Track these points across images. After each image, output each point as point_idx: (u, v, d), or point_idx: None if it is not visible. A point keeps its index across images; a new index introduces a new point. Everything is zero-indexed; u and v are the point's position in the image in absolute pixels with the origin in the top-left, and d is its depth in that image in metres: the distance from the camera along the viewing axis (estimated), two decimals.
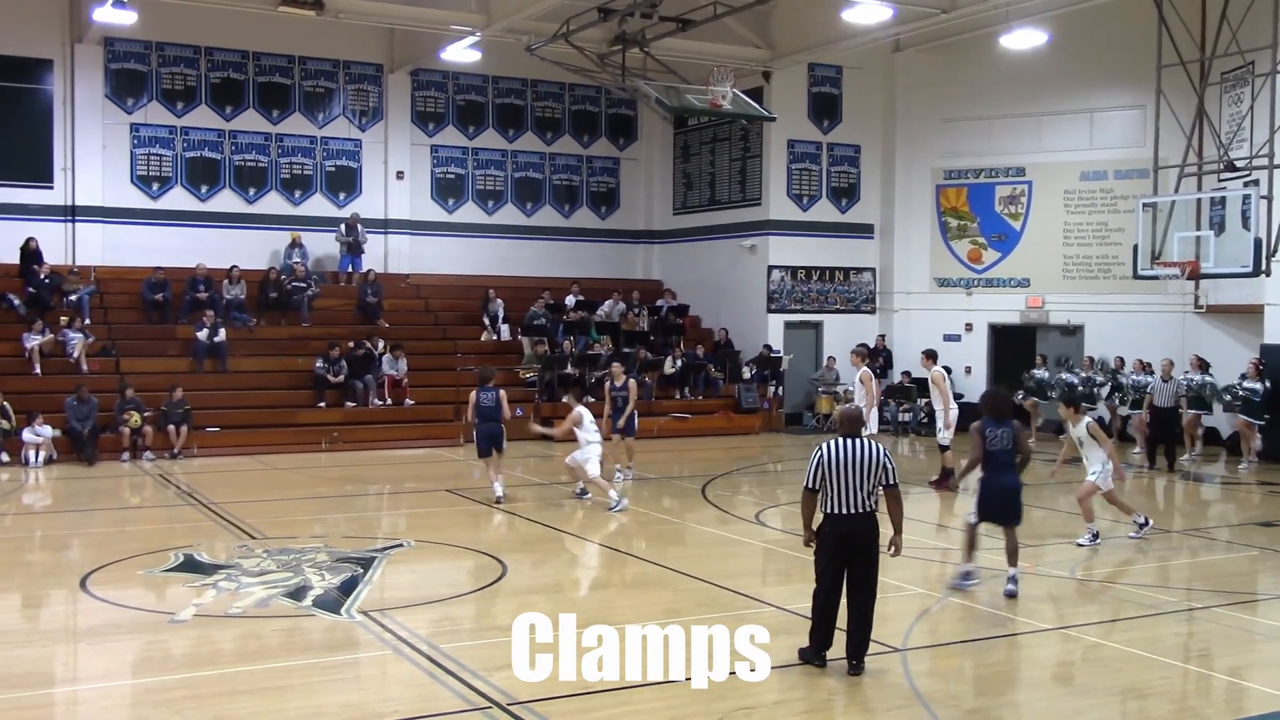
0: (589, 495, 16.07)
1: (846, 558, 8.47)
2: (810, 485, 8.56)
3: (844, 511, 8.42)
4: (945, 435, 17.27)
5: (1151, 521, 13.80)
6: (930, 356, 18.04)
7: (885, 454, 8.53)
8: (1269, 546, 13.63)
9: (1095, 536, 13.12)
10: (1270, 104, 18.07)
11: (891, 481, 8.51)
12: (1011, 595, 10.66)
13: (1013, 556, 10.82)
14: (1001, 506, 10.81)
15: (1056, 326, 25.43)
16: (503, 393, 16.25)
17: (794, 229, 26.78)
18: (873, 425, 17.23)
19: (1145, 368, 21.71)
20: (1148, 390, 20.93)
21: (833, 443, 8.55)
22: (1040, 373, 23.66)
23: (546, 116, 29.11)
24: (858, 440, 8.55)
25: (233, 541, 13.21)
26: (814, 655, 8.54)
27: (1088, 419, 13.19)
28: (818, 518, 8.62)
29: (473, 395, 16.21)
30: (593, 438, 15.67)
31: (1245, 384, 20.24)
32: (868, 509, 8.43)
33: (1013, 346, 25.55)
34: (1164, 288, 22.66)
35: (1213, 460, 21.15)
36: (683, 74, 21.16)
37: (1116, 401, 22.34)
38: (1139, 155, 22.97)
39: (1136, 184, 22.95)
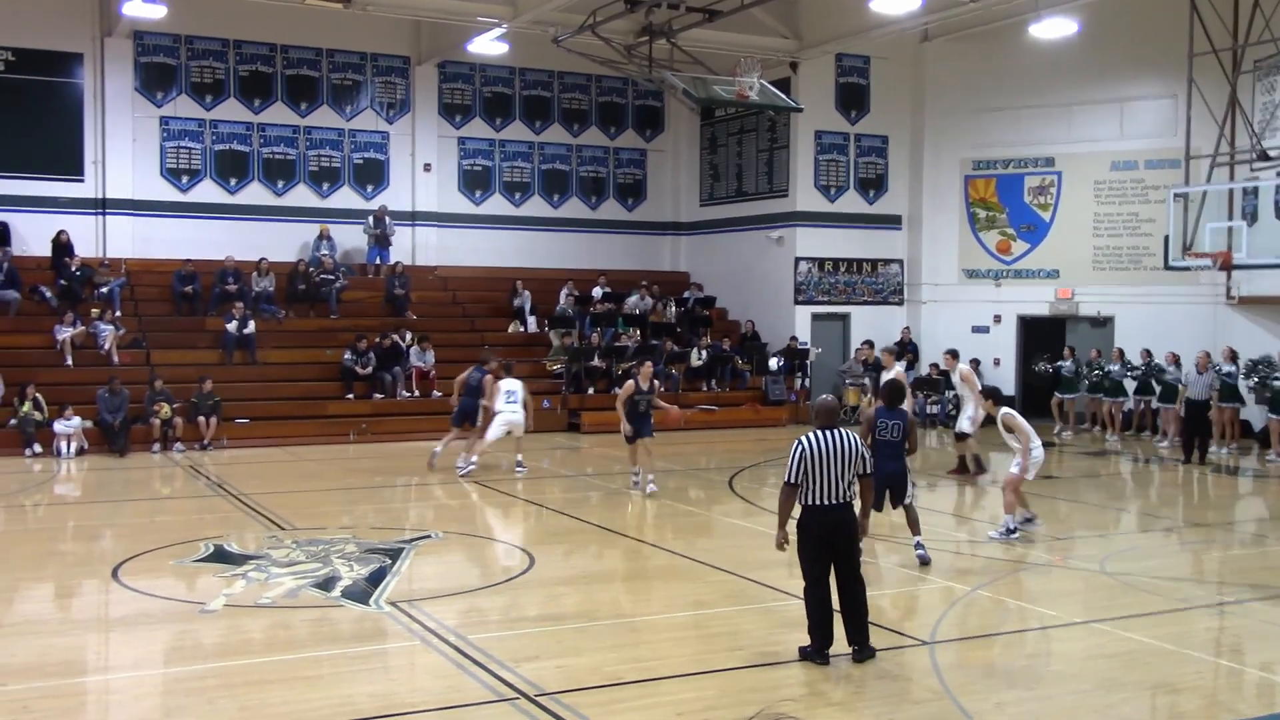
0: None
1: (831, 549, 8.51)
2: (792, 480, 8.55)
3: (826, 503, 8.46)
4: (966, 424, 17.10)
5: (1039, 524, 13.43)
6: (954, 355, 18.11)
7: (860, 443, 8.70)
8: None
9: (1010, 531, 12.83)
10: None
11: (866, 470, 8.73)
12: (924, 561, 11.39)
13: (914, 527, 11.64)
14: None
15: (1086, 318, 25.24)
16: (489, 378, 17.48)
17: (821, 220, 26.68)
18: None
19: (1175, 360, 21.53)
20: (1181, 383, 20.76)
21: (814, 435, 8.55)
22: (1068, 364, 23.49)
23: (573, 108, 29.11)
24: (836, 431, 8.60)
25: (262, 532, 13.30)
26: (815, 653, 8.50)
27: (1004, 410, 13.13)
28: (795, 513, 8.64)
29: (463, 374, 17.93)
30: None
31: (1275, 380, 20.03)
32: (846, 499, 8.53)
33: (1042, 338, 25.37)
34: (1196, 279, 22.45)
35: (1245, 453, 20.95)
36: (709, 65, 21.11)
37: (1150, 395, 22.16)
38: (1170, 145, 22.77)
39: (1168, 174, 22.76)
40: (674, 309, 27.44)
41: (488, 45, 24.40)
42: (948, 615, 10.03)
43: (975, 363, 25.43)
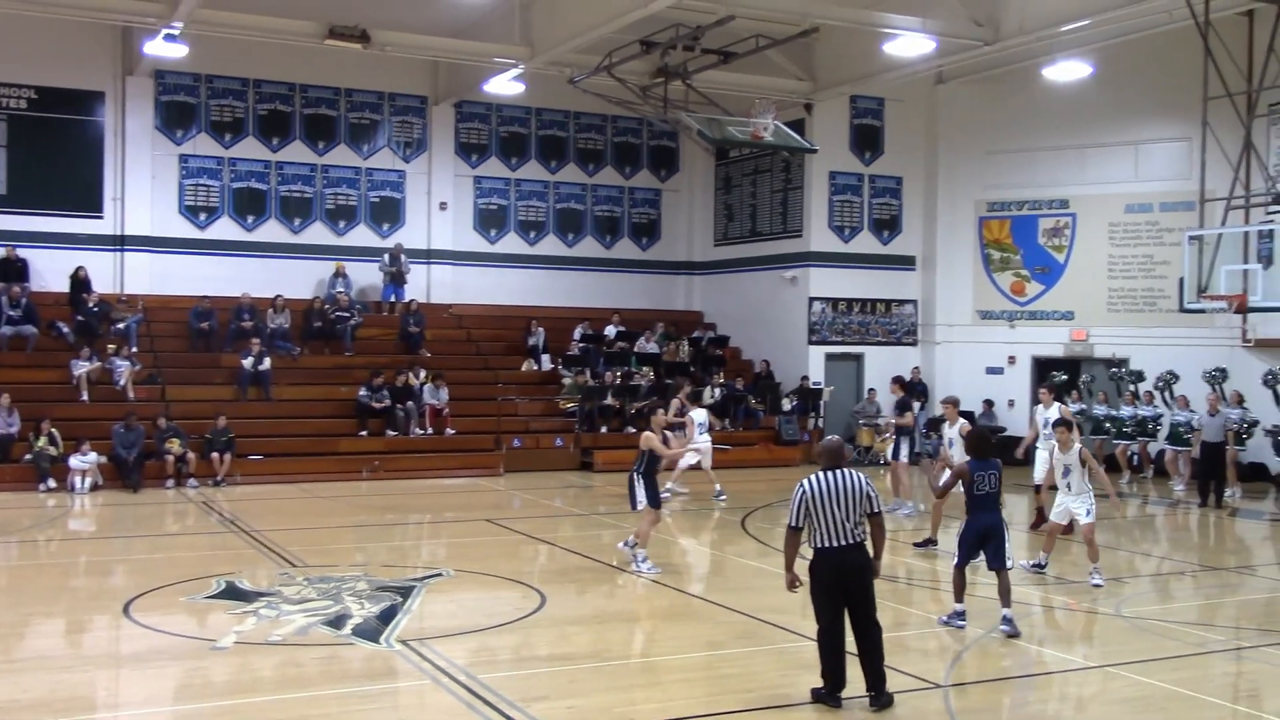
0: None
1: (844, 592, 8.38)
2: (794, 523, 8.51)
3: (834, 545, 8.35)
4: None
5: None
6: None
7: (867, 482, 8.48)
8: None
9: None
10: None
11: (875, 509, 8.47)
12: (1011, 635, 10.44)
13: (1005, 596, 10.62)
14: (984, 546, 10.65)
15: (1101, 360, 25.16)
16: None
17: (835, 260, 26.73)
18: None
19: (1186, 403, 21.47)
20: (1194, 426, 20.69)
21: (815, 477, 8.46)
22: (1075, 405, 23.36)
23: (588, 148, 29.28)
24: (840, 472, 8.48)
25: (274, 569, 13.28)
26: (828, 696, 8.42)
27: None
28: (807, 555, 8.55)
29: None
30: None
31: None
32: (856, 540, 8.38)
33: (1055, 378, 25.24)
34: (1211, 321, 22.38)
35: (1260, 497, 20.81)
36: (724, 106, 21.23)
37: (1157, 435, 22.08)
38: (1185, 187, 22.77)
39: (1182, 216, 22.73)
40: (688, 348, 27.46)
41: (504, 85, 24.59)
42: (963, 658, 9.95)
43: (989, 403, 25.42)
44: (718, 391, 25.64)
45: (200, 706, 8.53)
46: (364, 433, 22.78)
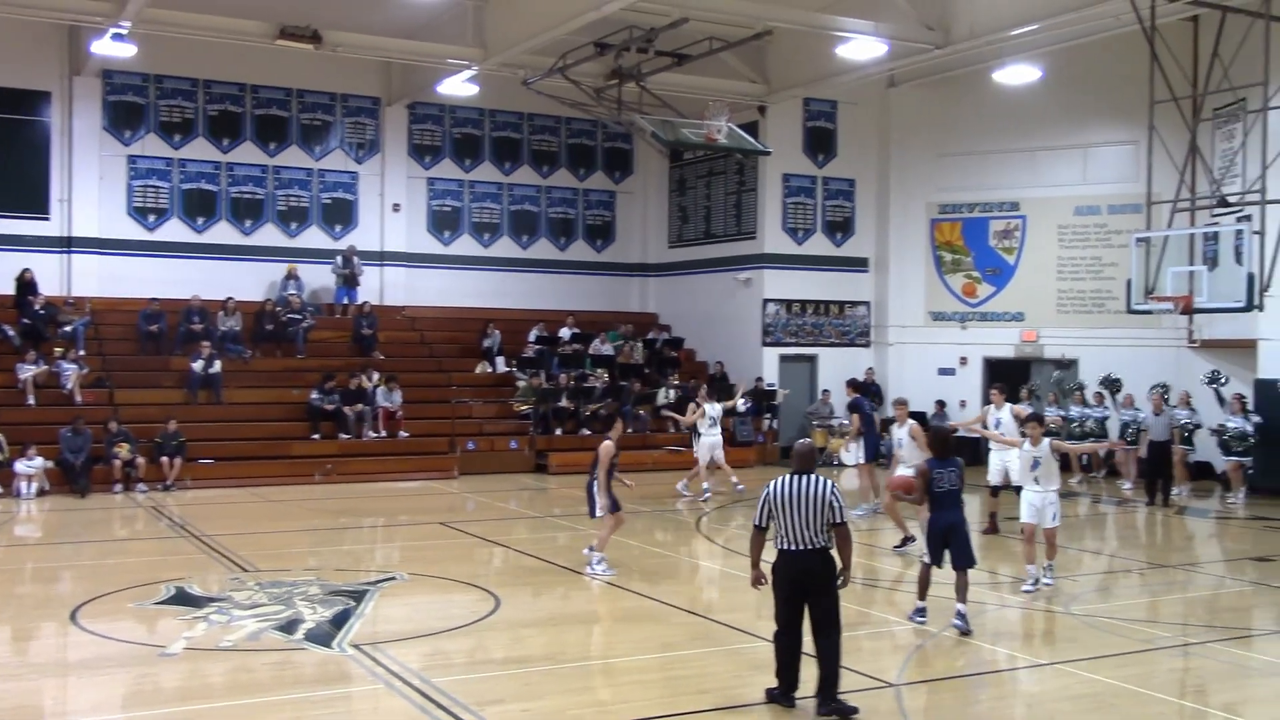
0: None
1: (802, 596, 8.34)
2: (758, 523, 8.52)
3: (795, 548, 8.31)
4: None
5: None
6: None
7: (832, 490, 8.34)
8: (1263, 581, 13.60)
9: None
10: (1262, 140, 18.18)
11: (839, 519, 8.31)
12: (964, 633, 10.59)
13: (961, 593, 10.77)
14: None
15: (1051, 360, 25.45)
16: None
17: (789, 262, 26.85)
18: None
19: (1131, 403, 21.78)
20: (1141, 426, 21.00)
21: (782, 479, 8.45)
22: (1025, 406, 23.60)
23: (543, 150, 29.24)
24: (807, 477, 8.41)
25: (225, 574, 13.16)
26: (782, 696, 8.43)
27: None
28: (771, 555, 8.54)
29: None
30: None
31: (1230, 423, 20.32)
32: (818, 545, 8.28)
33: (1008, 380, 25.47)
34: (1158, 322, 22.72)
35: (1206, 495, 21.14)
36: (678, 108, 21.28)
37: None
38: (1132, 190, 23.08)
39: (1130, 219, 23.04)
40: (642, 350, 27.49)
41: (458, 86, 24.51)
42: (914, 656, 10.03)
43: (941, 404, 25.63)
44: (672, 393, 25.68)
45: (150, 714, 8.43)
46: (316, 436, 22.61)
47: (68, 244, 24.56)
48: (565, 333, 27.06)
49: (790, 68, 25.15)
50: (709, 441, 20.06)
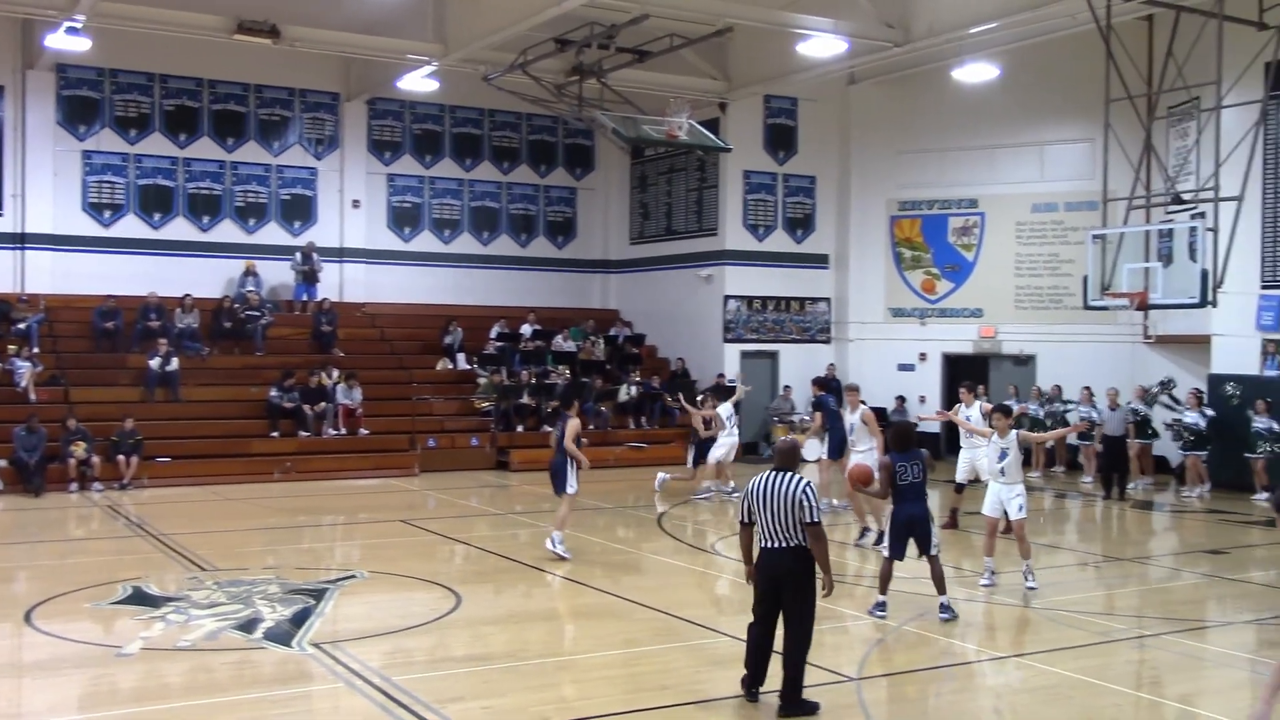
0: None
1: (776, 593, 8.30)
2: (741, 519, 8.54)
3: (770, 545, 8.29)
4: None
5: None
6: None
7: (804, 490, 8.21)
8: (1217, 574, 13.80)
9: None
10: (1215, 138, 18.40)
11: (811, 519, 8.17)
12: (951, 619, 10.85)
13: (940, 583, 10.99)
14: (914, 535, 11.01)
15: (1009, 356, 25.68)
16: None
17: (750, 259, 26.93)
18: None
19: (1089, 398, 22.02)
20: (1096, 421, 21.23)
21: (761, 476, 8.45)
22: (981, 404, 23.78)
23: (504, 146, 29.15)
24: (784, 474, 8.36)
25: (182, 573, 13.04)
26: (747, 689, 8.45)
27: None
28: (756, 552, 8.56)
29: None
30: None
31: (1187, 417, 20.57)
32: (790, 544, 8.21)
33: (967, 376, 25.71)
34: (1114, 318, 22.97)
35: (1163, 488, 21.41)
36: (639, 105, 21.28)
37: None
38: (1088, 188, 23.32)
39: (1086, 216, 23.28)
40: (604, 346, 27.48)
41: (418, 82, 24.39)
42: (874, 651, 10.09)
43: (901, 400, 25.86)
44: (634, 390, 25.70)
45: (107, 715, 8.34)
46: (275, 434, 22.44)
47: (21, 240, 24.22)
48: (527, 329, 27.00)
49: (751, 65, 25.22)
50: (730, 441, 19.70)
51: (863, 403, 15.61)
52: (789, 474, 8.38)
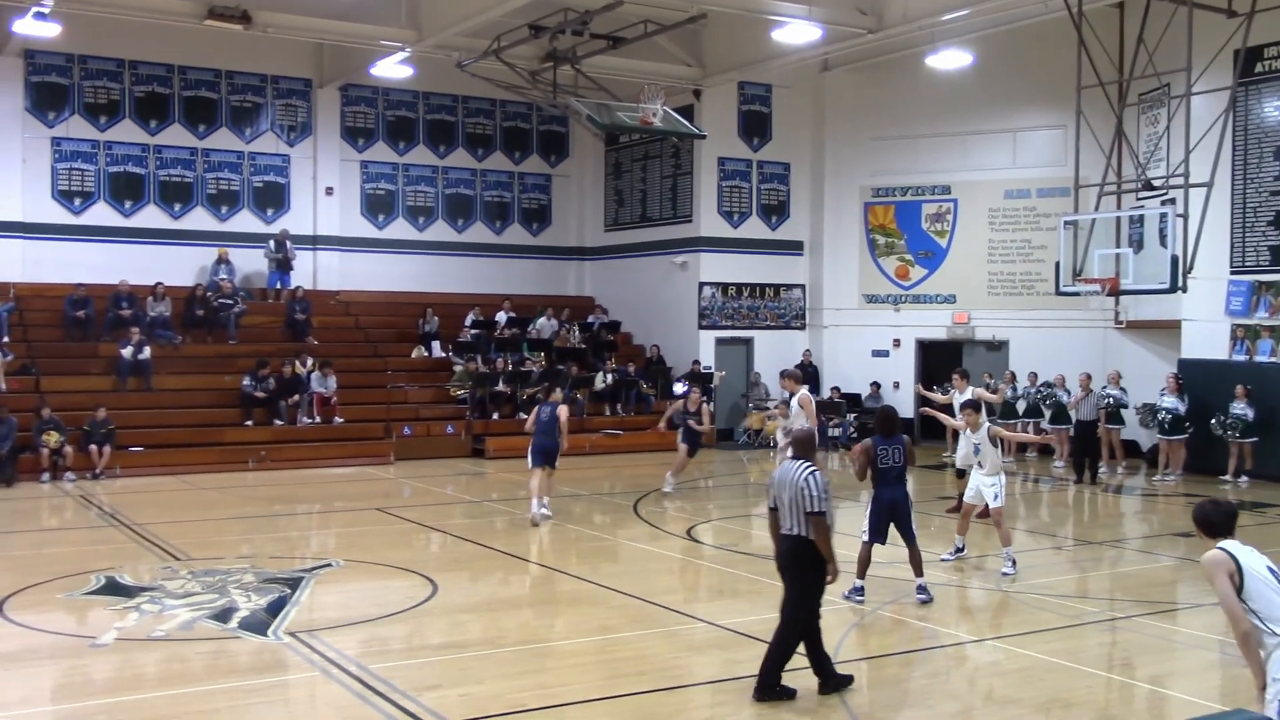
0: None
1: (783, 576, 8.52)
2: (770, 505, 8.63)
3: (784, 530, 8.45)
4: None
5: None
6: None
7: (808, 479, 8.29)
8: (1188, 556, 13.93)
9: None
10: (1185, 125, 18.52)
11: (813, 509, 8.23)
12: (926, 601, 10.99)
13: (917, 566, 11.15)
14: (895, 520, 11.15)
15: (982, 342, 25.82)
16: (563, 409, 16.03)
17: (725, 246, 26.96)
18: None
19: (1062, 383, 22.19)
20: (1067, 404, 21.39)
21: (781, 466, 8.60)
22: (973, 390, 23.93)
23: (478, 133, 29.06)
24: (797, 463, 8.48)
25: (156, 563, 12.98)
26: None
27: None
28: None
29: (535, 409, 16.49)
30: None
31: (1164, 401, 20.68)
32: (795, 532, 8.34)
33: (940, 362, 25.88)
34: (1086, 304, 23.12)
35: (1134, 473, 21.59)
36: (614, 91, 21.25)
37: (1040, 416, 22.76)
38: (1060, 174, 23.42)
39: (1058, 202, 23.41)
40: (579, 333, 27.47)
41: (391, 68, 24.26)
42: (849, 635, 10.15)
43: (876, 385, 25.96)
44: (609, 377, 25.71)
45: (81, 705, 8.31)
46: (249, 422, 22.34)
47: None
48: (502, 317, 26.96)
49: (725, 51, 25.21)
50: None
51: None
52: (800, 462, 8.47)
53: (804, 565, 8.34)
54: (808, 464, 8.45)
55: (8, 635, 10.17)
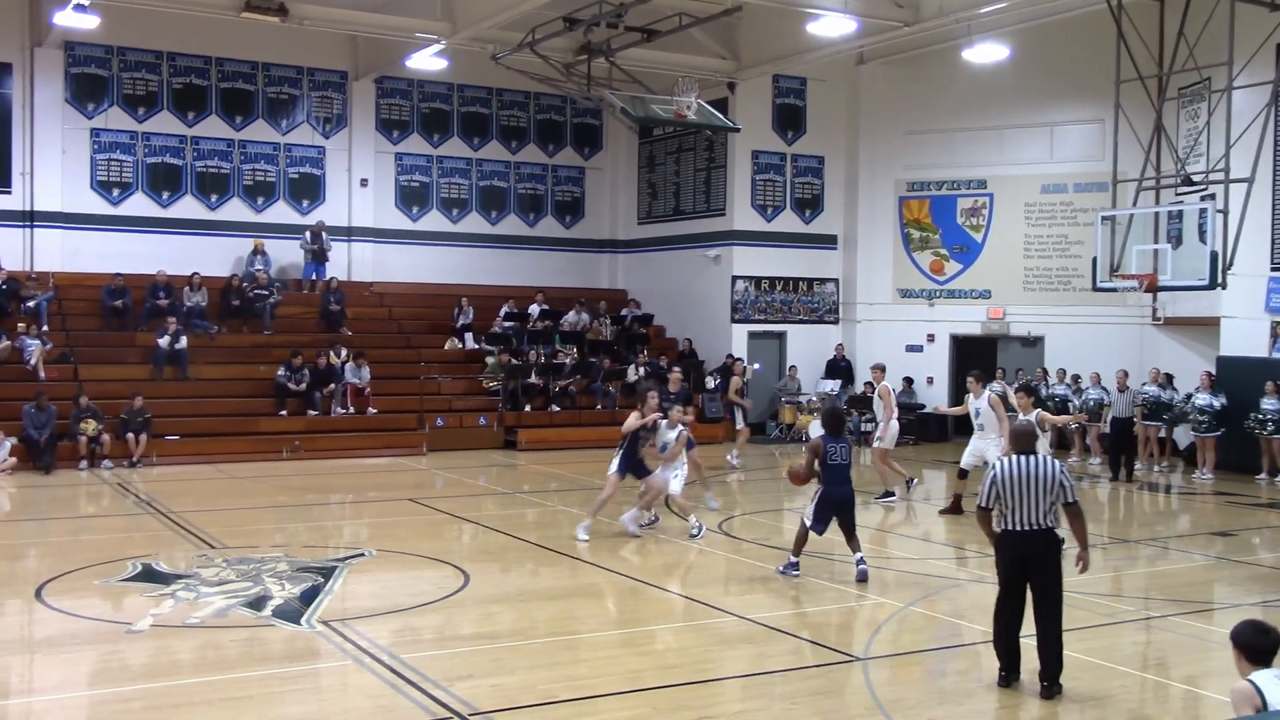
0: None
1: (1022, 575, 8.43)
2: (983, 504, 8.58)
3: (1019, 528, 8.37)
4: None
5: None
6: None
7: (1062, 471, 8.43)
8: (1225, 556, 13.80)
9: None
10: (1226, 119, 18.34)
11: (1071, 499, 8.42)
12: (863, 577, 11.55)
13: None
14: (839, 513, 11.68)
15: (1017, 338, 25.65)
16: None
17: (758, 239, 26.89)
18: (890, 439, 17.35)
19: (1097, 380, 21.95)
20: (1105, 403, 21.19)
21: (1008, 461, 8.52)
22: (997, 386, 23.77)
23: (511, 125, 29.10)
24: (1033, 457, 8.46)
25: (192, 551, 13.10)
26: (1003, 679, 8.55)
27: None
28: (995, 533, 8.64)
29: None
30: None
31: (1198, 399, 20.41)
32: (1045, 526, 8.34)
33: (974, 357, 25.71)
34: (1123, 300, 22.93)
35: (1171, 470, 21.38)
36: (648, 84, 21.22)
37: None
38: (1098, 169, 23.23)
39: (1096, 197, 23.21)
40: (611, 326, 27.49)
41: (426, 61, 24.33)
42: (881, 631, 10.12)
43: (909, 381, 25.83)
44: (641, 370, 25.70)
45: (117, 690, 8.39)
46: (284, 412, 22.49)
47: (30, 218, 24.26)
48: (534, 309, 27.01)
49: (760, 44, 25.12)
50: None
51: (885, 383, 16.99)
52: (1037, 456, 8.48)
53: (1058, 556, 8.43)
54: (1045, 457, 8.53)
55: (46, 620, 10.30)
